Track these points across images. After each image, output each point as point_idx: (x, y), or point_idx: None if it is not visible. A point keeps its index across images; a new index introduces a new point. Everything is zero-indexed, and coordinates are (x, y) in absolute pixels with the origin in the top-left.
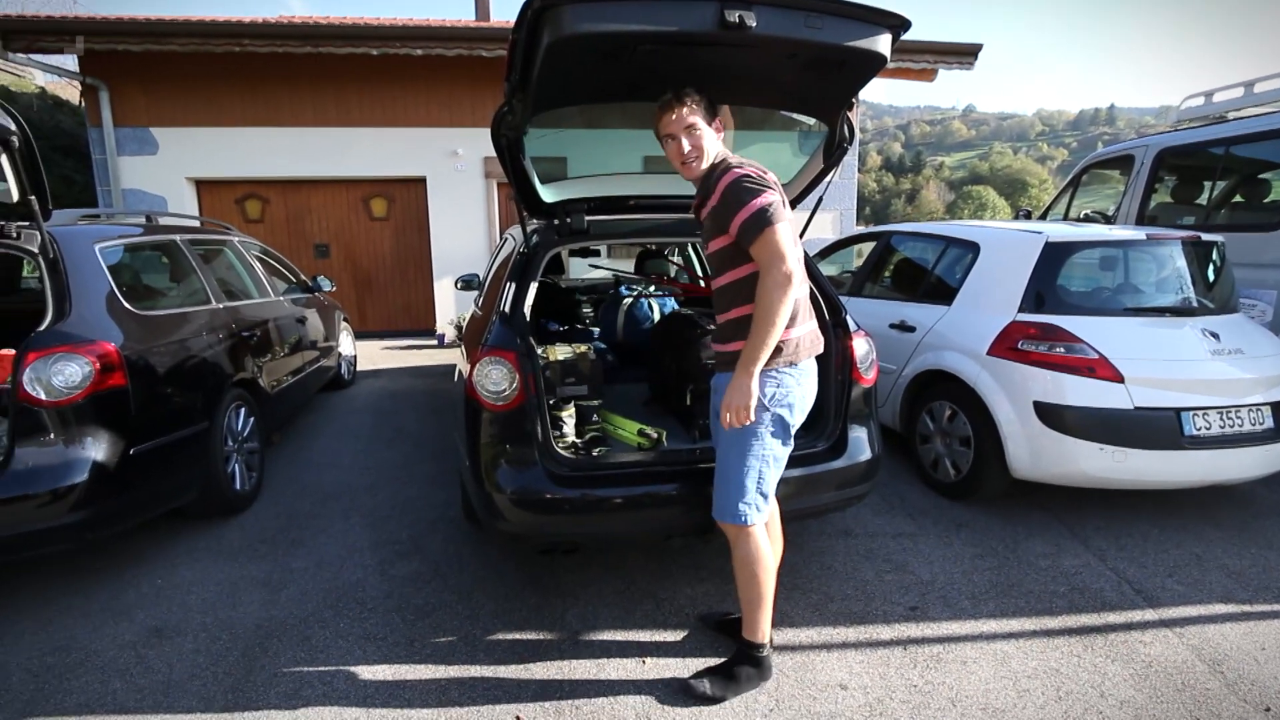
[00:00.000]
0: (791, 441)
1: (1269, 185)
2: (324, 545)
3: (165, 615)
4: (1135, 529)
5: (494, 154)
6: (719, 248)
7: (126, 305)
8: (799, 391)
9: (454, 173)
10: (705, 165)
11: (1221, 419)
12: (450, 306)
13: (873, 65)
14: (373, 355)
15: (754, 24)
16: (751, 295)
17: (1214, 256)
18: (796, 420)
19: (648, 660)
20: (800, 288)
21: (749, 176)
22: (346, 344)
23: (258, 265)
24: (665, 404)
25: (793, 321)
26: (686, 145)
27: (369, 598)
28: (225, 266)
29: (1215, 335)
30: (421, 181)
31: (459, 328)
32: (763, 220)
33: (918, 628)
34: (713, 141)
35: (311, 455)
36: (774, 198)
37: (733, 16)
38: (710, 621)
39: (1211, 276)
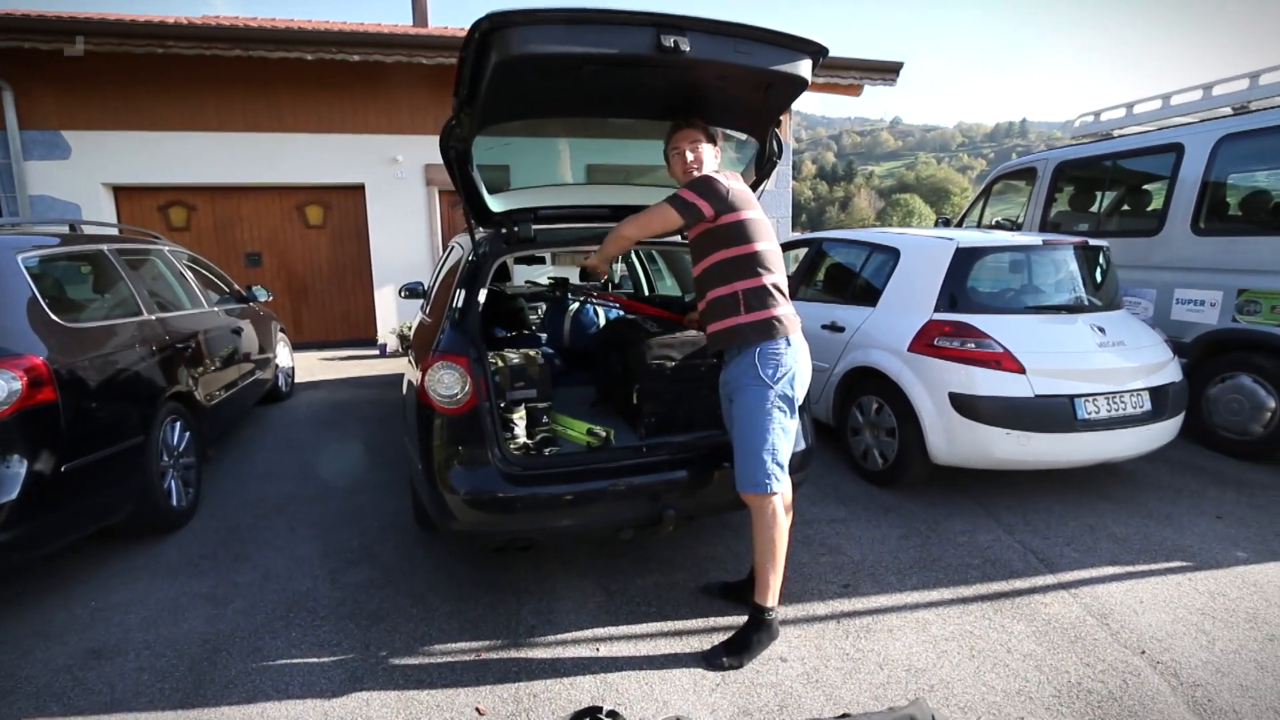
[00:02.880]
0: (797, 415)
1: (1150, 195)
2: (270, 557)
3: (102, 637)
4: (1041, 505)
5: (435, 161)
6: (693, 237)
7: (53, 317)
8: (797, 366)
9: (394, 180)
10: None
11: (1108, 403)
12: (392, 315)
13: (796, 87)
14: (311, 366)
15: (688, 48)
16: (719, 280)
17: (1100, 259)
18: (798, 394)
19: (601, 647)
20: (778, 276)
21: (696, 182)
22: (284, 355)
23: (189, 275)
24: (612, 405)
25: (774, 303)
26: (690, 156)
27: (320, 606)
28: (154, 276)
29: (1102, 329)
30: (360, 189)
31: (402, 337)
32: (670, 197)
33: (849, 603)
34: (710, 157)
35: (252, 468)
36: (690, 199)
37: (668, 41)
38: (714, 590)
39: (1099, 277)
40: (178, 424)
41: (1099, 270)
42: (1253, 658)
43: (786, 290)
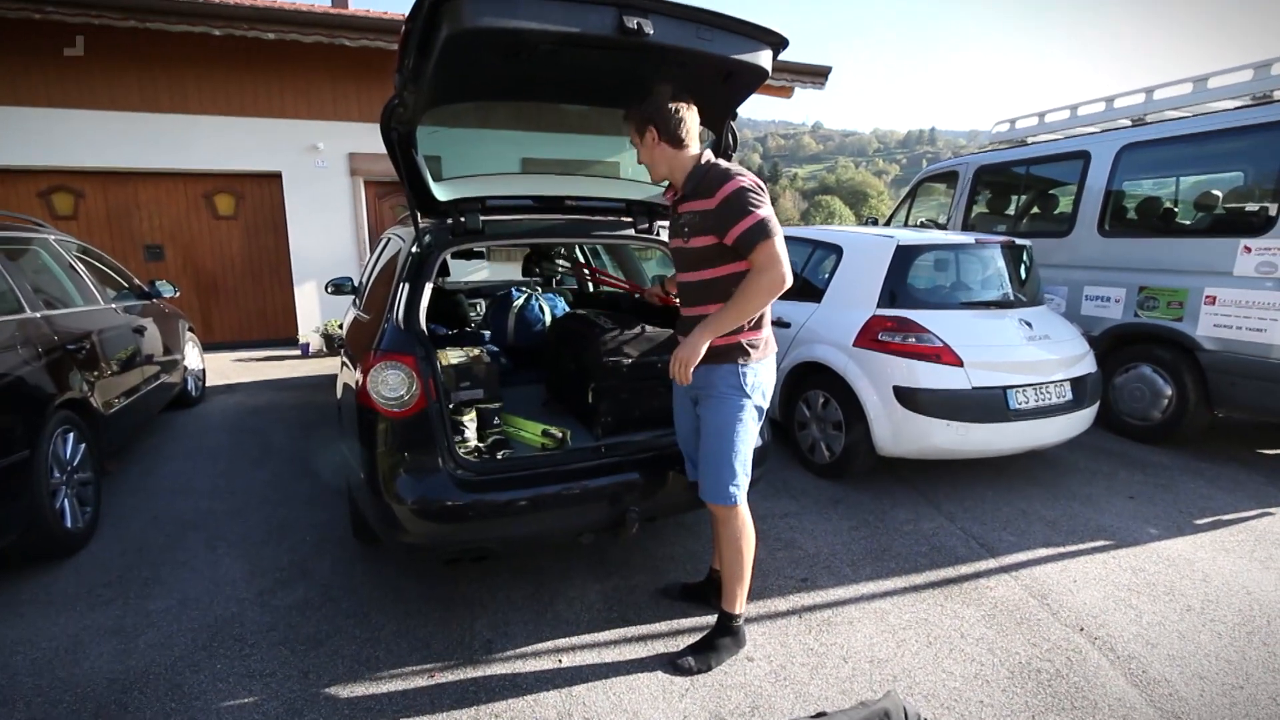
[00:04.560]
0: (761, 422)
1: (1058, 199)
2: (187, 581)
3: None
4: (975, 492)
5: (359, 150)
6: (703, 245)
7: None
8: (769, 378)
9: (314, 169)
10: (661, 171)
11: (1036, 394)
12: (315, 313)
13: (756, 78)
14: (224, 369)
15: (651, 32)
16: (723, 295)
17: (1025, 258)
18: (768, 404)
19: (564, 658)
20: None
21: (751, 189)
22: (193, 356)
23: (80, 268)
24: (564, 404)
25: (765, 322)
26: (641, 158)
27: (249, 633)
28: (38, 269)
29: (1029, 324)
30: (276, 177)
31: (328, 336)
32: (766, 230)
33: (809, 596)
34: (652, 153)
35: (160, 481)
36: (771, 211)
37: (631, 23)
38: (674, 592)
39: (1024, 275)
40: (71, 435)
41: (1024, 268)
42: (1175, 629)
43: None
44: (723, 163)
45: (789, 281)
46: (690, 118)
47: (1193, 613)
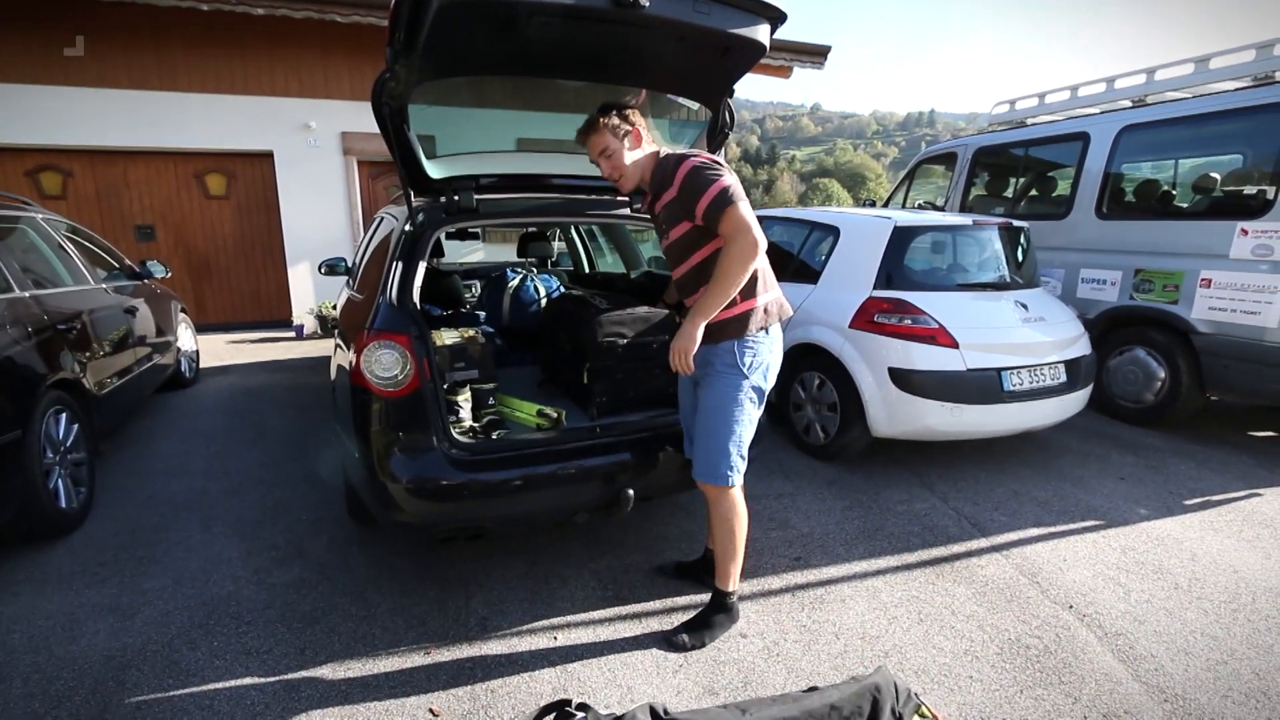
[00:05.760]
0: (763, 405)
1: (1056, 181)
2: (182, 560)
3: None
4: (967, 473)
5: (352, 128)
6: (681, 234)
7: None
8: (771, 357)
9: (307, 148)
10: (633, 180)
11: (1030, 375)
12: (309, 294)
13: (753, 53)
14: (217, 350)
15: (647, 4)
16: (709, 275)
17: (1021, 240)
18: (769, 384)
19: (559, 635)
20: (762, 259)
21: (705, 164)
22: (186, 338)
23: (70, 247)
24: (560, 385)
25: (760, 289)
26: (606, 169)
27: (245, 611)
28: (26, 248)
29: (1024, 305)
30: (268, 156)
31: (321, 318)
32: (726, 199)
33: (802, 575)
34: (632, 156)
35: (154, 462)
36: (731, 179)
37: None
38: (669, 570)
39: (1020, 257)
40: (63, 415)
41: (1020, 250)
42: (1162, 606)
43: (771, 272)
44: (676, 150)
45: (762, 243)
46: (636, 118)
47: (1180, 591)
